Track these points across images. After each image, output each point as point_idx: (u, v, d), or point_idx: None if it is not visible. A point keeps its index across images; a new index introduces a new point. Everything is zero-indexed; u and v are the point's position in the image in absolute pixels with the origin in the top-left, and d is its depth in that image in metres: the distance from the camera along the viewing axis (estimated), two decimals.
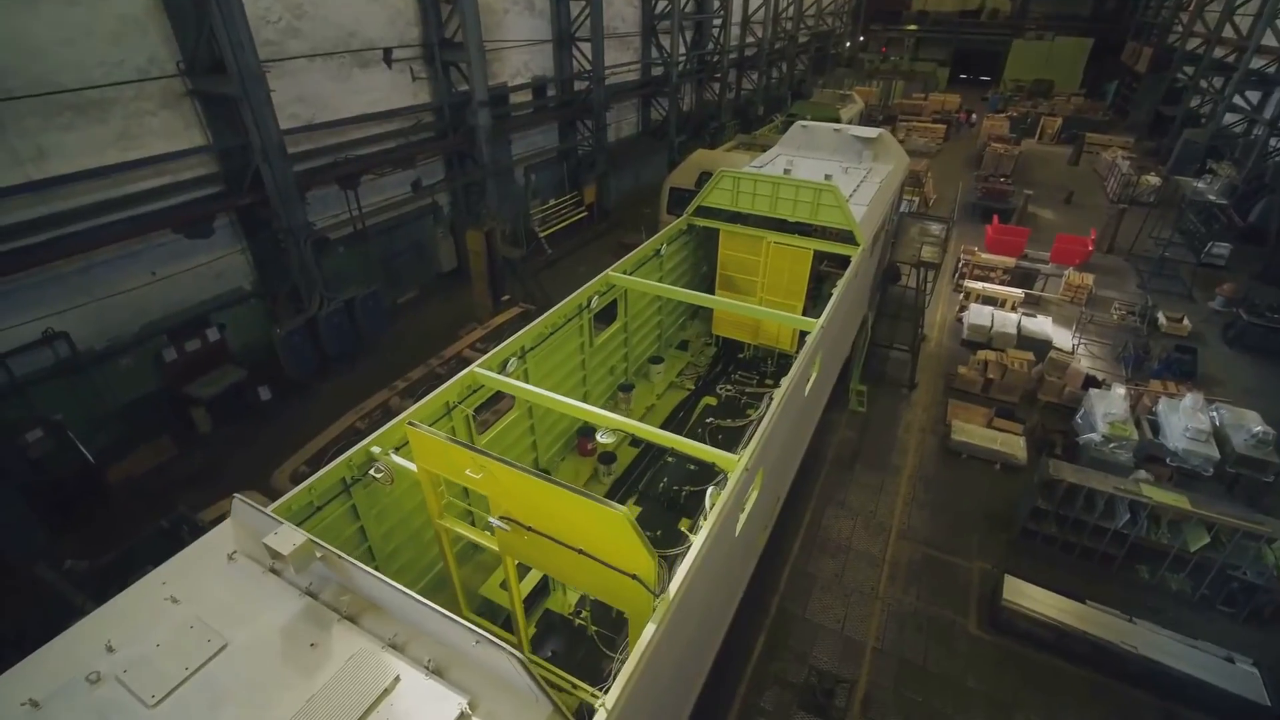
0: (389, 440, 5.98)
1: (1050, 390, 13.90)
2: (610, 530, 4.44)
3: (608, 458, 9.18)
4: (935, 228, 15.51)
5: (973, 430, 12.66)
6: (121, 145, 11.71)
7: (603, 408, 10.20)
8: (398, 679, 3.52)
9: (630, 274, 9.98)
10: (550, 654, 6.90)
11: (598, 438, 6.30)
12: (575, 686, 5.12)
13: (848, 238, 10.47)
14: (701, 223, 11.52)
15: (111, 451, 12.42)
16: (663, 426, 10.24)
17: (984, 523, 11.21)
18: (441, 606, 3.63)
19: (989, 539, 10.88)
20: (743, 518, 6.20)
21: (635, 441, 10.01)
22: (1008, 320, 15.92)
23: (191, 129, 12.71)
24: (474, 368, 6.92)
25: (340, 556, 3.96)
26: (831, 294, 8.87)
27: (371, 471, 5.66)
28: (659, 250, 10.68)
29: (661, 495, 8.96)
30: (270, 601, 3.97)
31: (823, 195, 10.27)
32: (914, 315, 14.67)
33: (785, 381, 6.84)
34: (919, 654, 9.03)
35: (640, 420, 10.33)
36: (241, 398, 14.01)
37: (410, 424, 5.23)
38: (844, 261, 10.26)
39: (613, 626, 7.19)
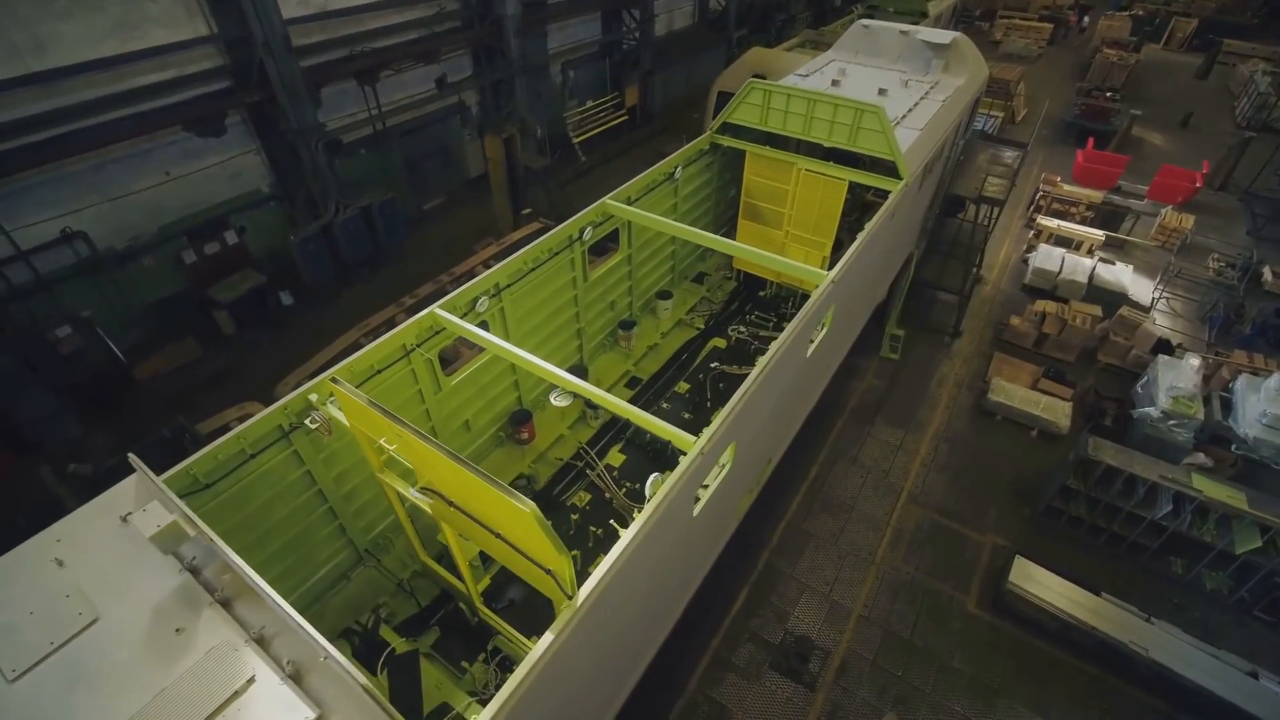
0: (328, 387, 5.62)
1: (1113, 352, 12.40)
2: (520, 524, 4.00)
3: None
4: (1009, 155, 13.48)
5: (1013, 390, 11.51)
6: (121, 35, 11.13)
7: (599, 347, 9.81)
8: (252, 680, 3.29)
9: (635, 201, 9.03)
10: (508, 602, 6.82)
11: (550, 399, 5.80)
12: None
13: (890, 169, 9.07)
14: (726, 142, 10.24)
15: (139, 350, 12.86)
16: (665, 369, 9.70)
17: (1006, 494, 10.38)
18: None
19: (1008, 512, 10.09)
20: (705, 497, 5.68)
21: (631, 383, 9.50)
22: (1080, 266, 14.09)
23: (195, 17, 11.96)
24: (435, 308, 6.40)
25: (213, 540, 3.68)
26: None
27: (307, 422, 5.37)
28: (673, 173, 9.58)
29: (649, 445, 8.52)
30: (150, 575, 3.78)
31: (864, 117, 8.81)
32: (969, 255, 13.11)
33: (773, 348, 6.04)
34: (906, 626, 8.63)
35: (640, 360, 9.86)
36: (263, 302, 14.13)
37: (333, 379, 4.82)
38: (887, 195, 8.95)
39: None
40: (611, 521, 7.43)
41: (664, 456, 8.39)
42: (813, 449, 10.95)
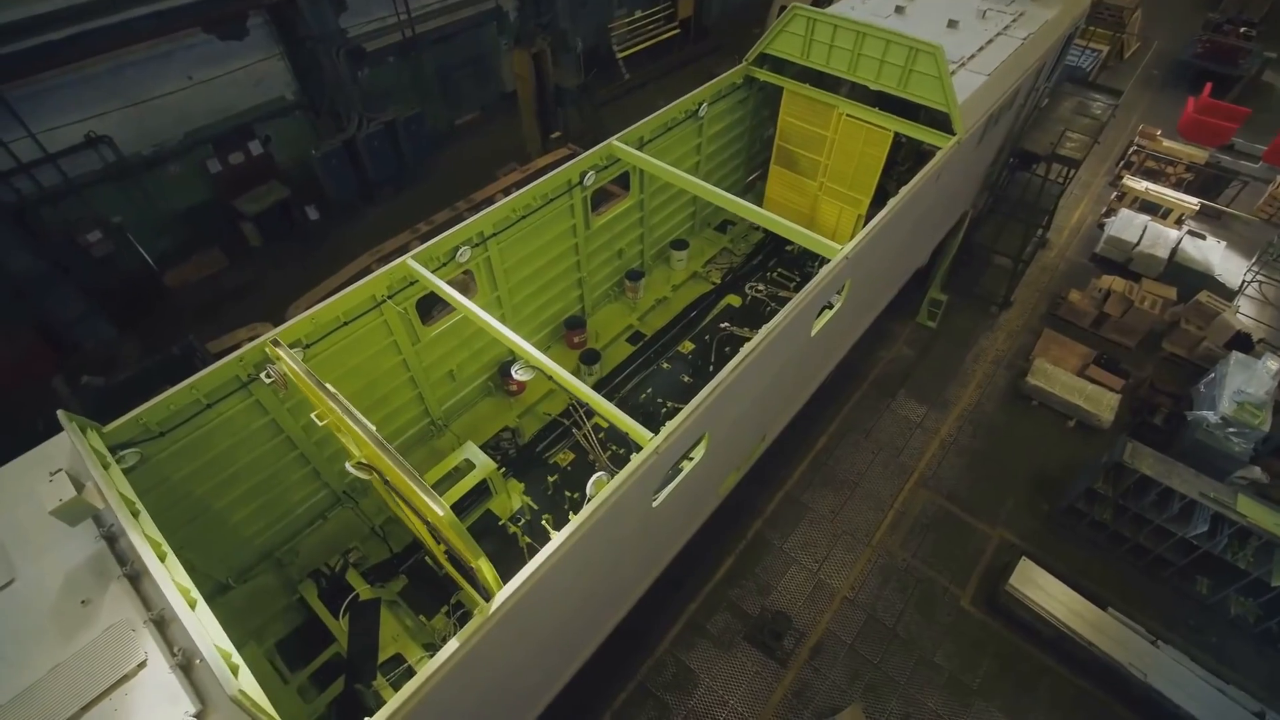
0: (289, 335, 5.43)
1: (1181, 341, 11.12)
2: (439, 521, 3.78)
3: (591, 356, 8.37)
4: (1099, 104, 11.71)
5: (1056, 375, 10.54)
6: None
7: (603, 297, 9.30)
8: (143, 664, 3.26)
9: (650, 142, 8.24)
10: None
11: (513, 372, 5.47)
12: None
13: (943, 122, 7.92)
14: (763, 76, 9.14)
15: (169, 258, 13.10)
16: (671, 325, 9.19)
17: (1026, 487, 9.71)
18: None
19: (1024, 507, 9.47)
20: (668, 490, 5.35)
21: (634, 338, 9.06)
22: (1163, 237, 12.48)
23: None
24: (408, 258, 6.03)
25: (135, 512, 3.59)
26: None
27: (262, 376, 5.21)
28: (697, 110, 8.65)
29: (643, 406, 8.20)
30: (70, 537, 3.77)
31: (918, 58, 7.62)
32: (1035, 216, 11.72)
33: (764, 330, 5.47)
34: (892, 615, 8.37)
35: (645, 313, 9.33)
36: (288, 216, 14.06)
37: (274, 342, 4.58)
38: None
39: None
40: (576, 495, 7.24)
41: (656, 420, 8.06)
42: (823, 419, 10.42)
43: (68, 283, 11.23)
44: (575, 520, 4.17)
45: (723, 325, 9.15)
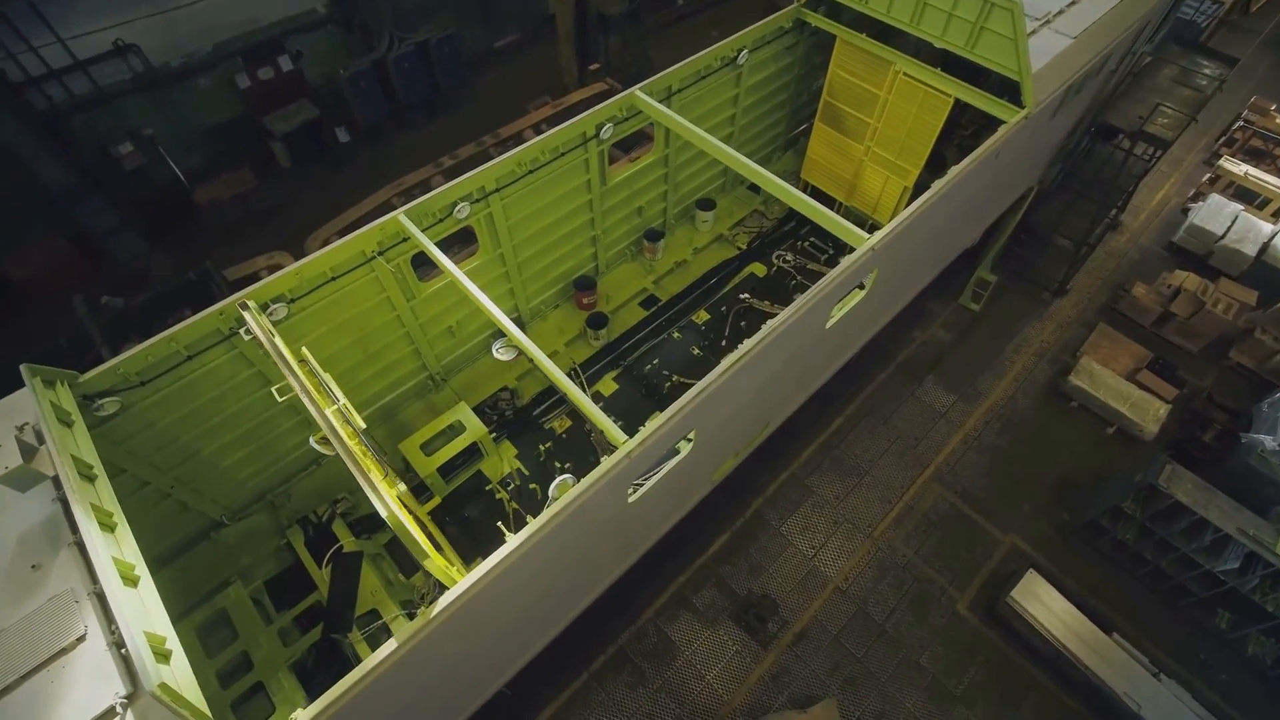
0: (272, 290, 5.25)
1: (1252, 352, 10.08)
2: (387, 518, 3.64)
3: (598, 320, 8.04)
4: (1205, 74, 10.21)
5: (1102, 376, 9.75)
6: None
7: (618, 256, 8.83)
8: (82, 638, 3.28)
9: (679, 92, 7.54)
10: (465, 516, 6.85)
11: (493, 350, 5.19)
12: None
13: (1013, 91, 6.97)
14: (815, 20, 8.18)
15: (198, 174, 13.05)
16: (689, 291, 8.75)
17: (1048, 493, 9.18)
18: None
19: (1042, 515, 8.99)
20: (648, 486, 5.12)
21: (648, 302, 8.66)
22: (1254, 231, 11.15)
23: None
24: (400, 213, 5.70)
25: (72, 486, 3.54)
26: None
27: (242, 332, 5.08)
28: (735, 57, 7.82)
29: (646, 378, 7.91)
30: (26, 499, 3.77)
31: (993, 14, 6.62)
32: (1108, 198, 10.56)
33: (767, 327, 5.03)
34: (883, 610, 8.19)
35: (662, 277, 8.85)
36: (318, 137, 13.77)
37: (241, 305, 4.39)
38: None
39: (537, 507, 6.90)
40: (567, 465, 7.08)
41: (659, 394, 7.78)
42: (841, 398, 9.96)
43: (99, 194, 11.32)
44: (532, 525, 3.99)
45: (742, 296, 8.65)
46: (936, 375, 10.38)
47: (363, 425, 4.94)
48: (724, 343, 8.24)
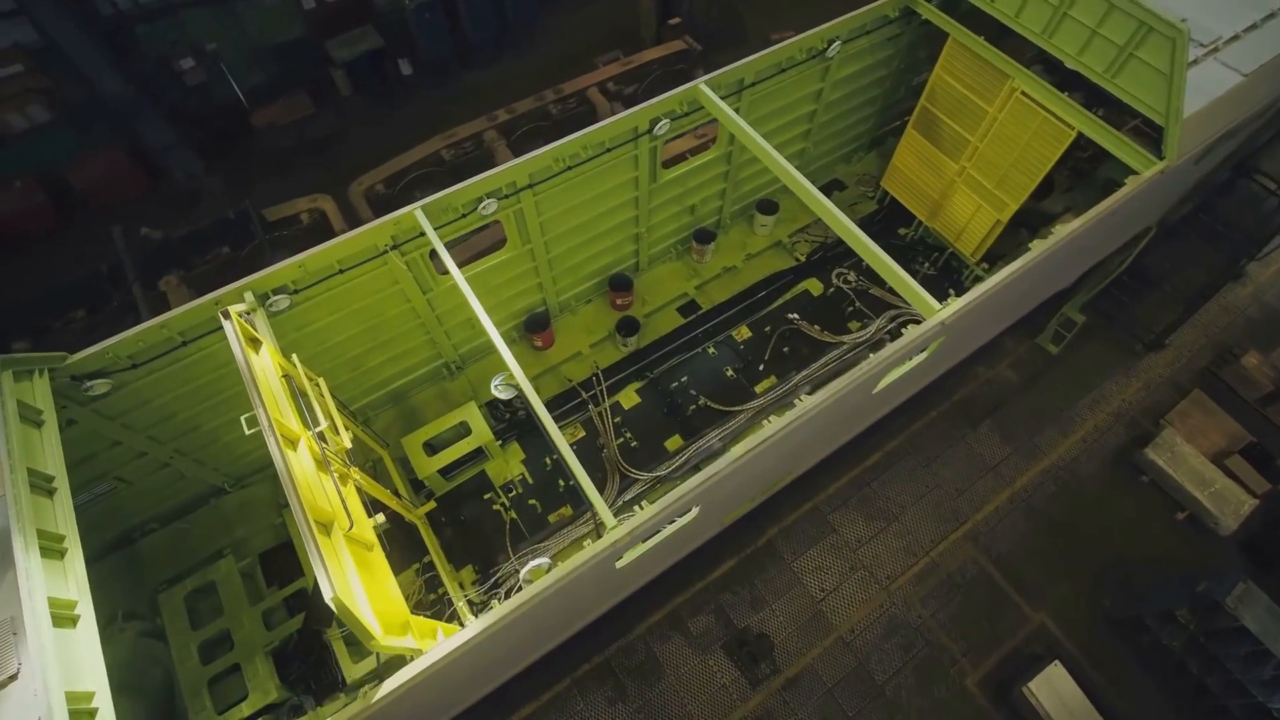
0: (273, 281, 4.92)
1: None
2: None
3: (629, 326, 7.49)
4: None
5: (1185, 454, 8.66)
6: None
7: (662, 254, 8.11)
8: (14, 677, 3.15)
9: (753, 85, 6.61)
10: (462, 519, 6.66)
11: (492, 386, 4.75)
12: None
13: (1153, 134, 5.79)
14: (927, 11, 6.98)
15: (258, 96, 12.77)
16: (734, 301, 8.12)
17: (1093, 573, 8.35)
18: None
19: (1082, 597, 8.20)
20: (639, 552, 4.69)
21: (687, 308, 8.03)
22: None
23: None
24: (416, 209, 5.20)
25: (18, 509, 3.35)
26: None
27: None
28: (825, 49, 6.78)
29: (671, 394, 7.39)
30: None
31: (1147, 41, 5.40)
32: (1238, 247, 9.09)
33: (791, 416, 4.39)
34: (885, 671, 7.73)
35: (707, 282, 8.13)
36: (380, 67, 13.26)
37: (222, 312, 4.04)
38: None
39: (533, 523, 6.65)
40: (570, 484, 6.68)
41: (682, 414, 7.27)
42: (882, 432, 9.18)
43: (158, 109, 11.20)
44: (496, 612, 3.64)
45: (790, 316, 7.92)
46: (994, 421, 9.45)
47: (348, 445, 4.65)
48: (761, 367, 7.61)
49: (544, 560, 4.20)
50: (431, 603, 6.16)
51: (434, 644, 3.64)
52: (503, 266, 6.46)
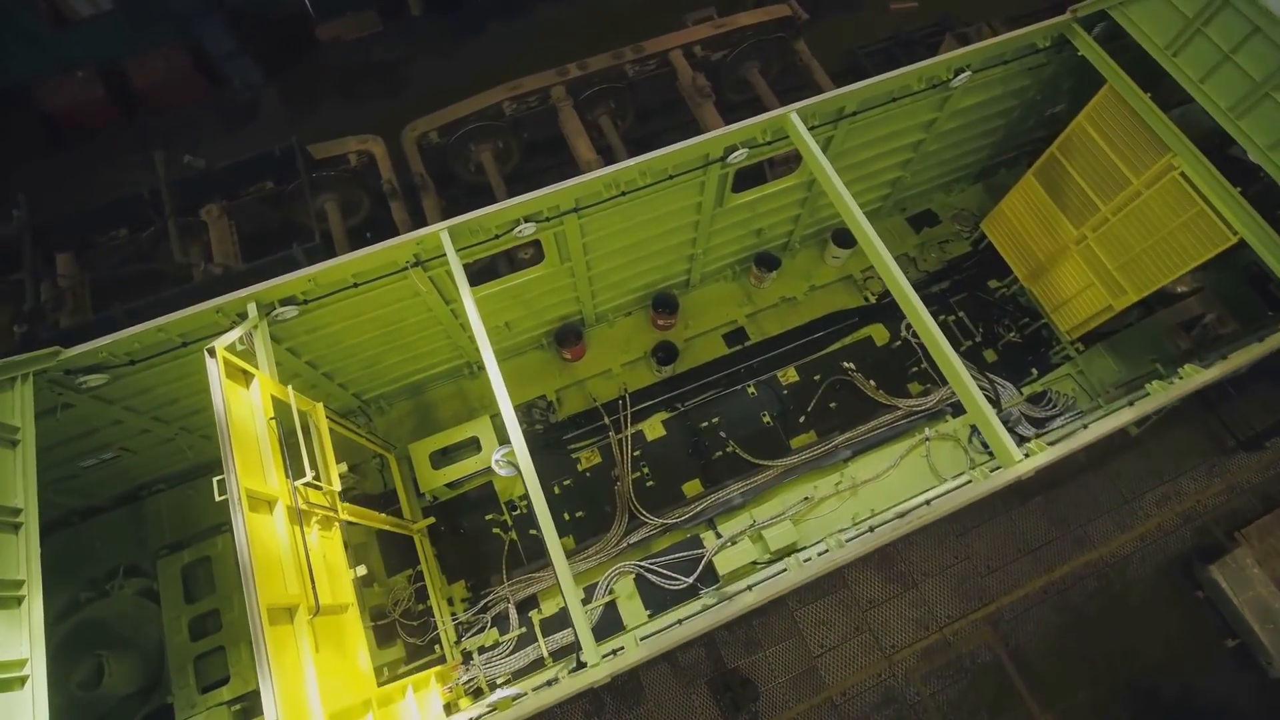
0: (281, 292, 4.52)
1: None
2: None
3: (667, 353, 6.92)
4: None
5: (1254, 580, 7.79)
6: None
7: (715, 274, 7.31)
8: None
9: (854, 115, 5.63)
10: (461, 529, 6.47)
11: (492, 459, 4.29)
12: None
13: None
14: (1085, 46, 5.73)
15: (324, 7, 11.98)
16: (786, 338, 7.37)
17: (1116, 686, 7.78)
18: None
19: (1098, 712, 7.68)
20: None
21: (733, 336, 7.36)
22: None
23: None
24: (443, 230, 4.63)
25: None
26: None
27: (235, 344, 4.41)
28: (948, 78, 5.66)
29: (700, 435, 6.89)
30: None
31: None
32: None
33: (812, 568, 3.86)
34: None
35: (761, 310, 7.38)
36: None
37: (207, 351, 3.65)
38: None
39: (532, 549, 6.42)
40: (580, 514, 6.35)
41: (706, 458, 6.78)
42: None
43: (221, 13, 10.62)
44: None
45: (846, 365, 7.18)
46: (1046, 500, 8.66)
47: (338, 487, 4.36)
48: (802, 419, 6.99)
49: (514, 691, 3.89)
50: (420, 613, 6.07)
51: None
52: (537, 282, 5.89)
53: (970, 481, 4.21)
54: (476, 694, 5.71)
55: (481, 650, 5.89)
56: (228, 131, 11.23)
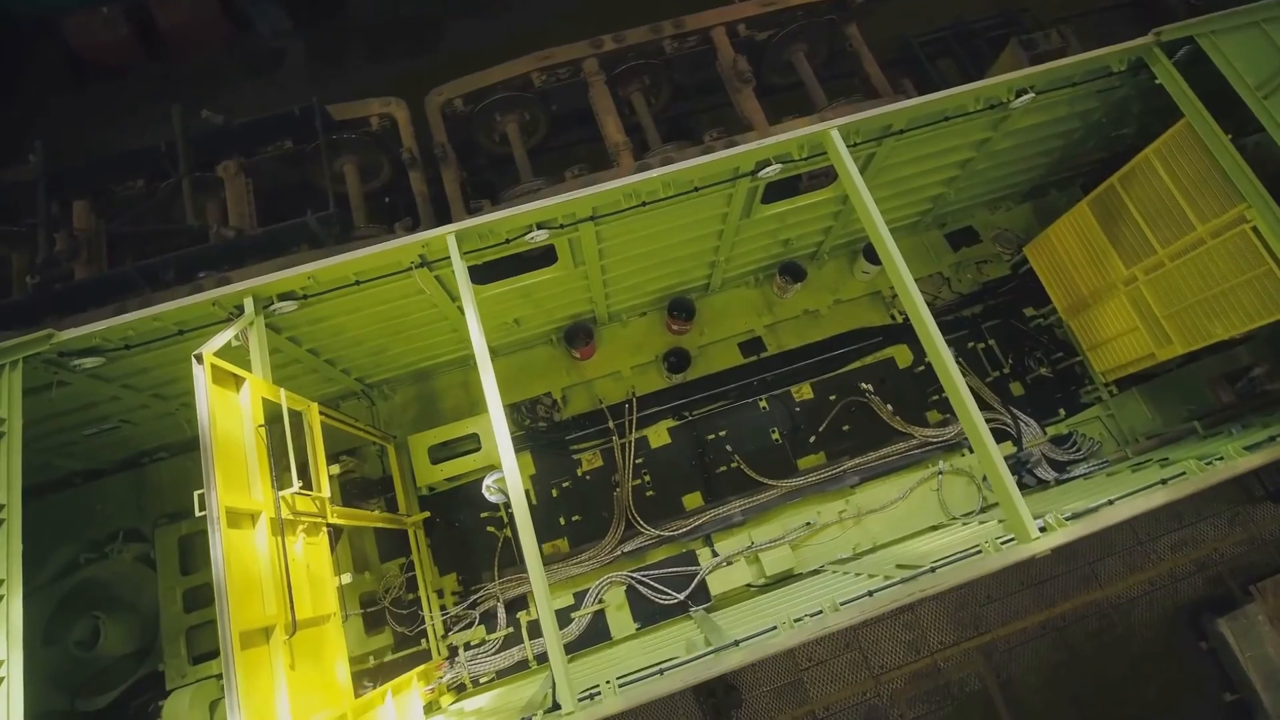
0: (278, 288, 4.35)
1: None
2: None
3: (678, 361, 6.70)
4: None
5: (1265, 639, 7.56)
6: None
7: (736, 280, 6.96)
8: None
9: (903, 133, 5.21)
10: (456, 523, 6.43)
11: (483, 486, 4.12)
12: None
13: None
14: (1164, 74, 5.21)
15: None
16: (804, 352, 7.13)
17: None
18: None
19: None
20: None
21: (749, 346, 7.10)
22: None
23: None
24: (449, 233, 4.40)
25: None
26: None
27: (232, 340, 4.28)
28: (1007, 99, 5.20)
29: (706, 447, 6.72)
30: None
31: None
32: None
33: (807, 629, 3.73)
34: None
35: (781, 322, 7.09)
36: None
37: (195, 357, 3.52)
38: None
39: None
40: (576, 519, 6.26)
41: (709, 473, 6.63)
42: None
43: None
44: None
45: (864, 386, 6.91)
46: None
47: (326, 494, 4.28)
48: (812, 439, 6.77)
49: None
50: (409, 602, 6.08)
51: None
52: (549, 283, 5.66)
53: (980, 554, 3.99)
54: (459, 690, 5.77)
55: (467, 647, 5.92)
56: (250, 80, 10.94)
